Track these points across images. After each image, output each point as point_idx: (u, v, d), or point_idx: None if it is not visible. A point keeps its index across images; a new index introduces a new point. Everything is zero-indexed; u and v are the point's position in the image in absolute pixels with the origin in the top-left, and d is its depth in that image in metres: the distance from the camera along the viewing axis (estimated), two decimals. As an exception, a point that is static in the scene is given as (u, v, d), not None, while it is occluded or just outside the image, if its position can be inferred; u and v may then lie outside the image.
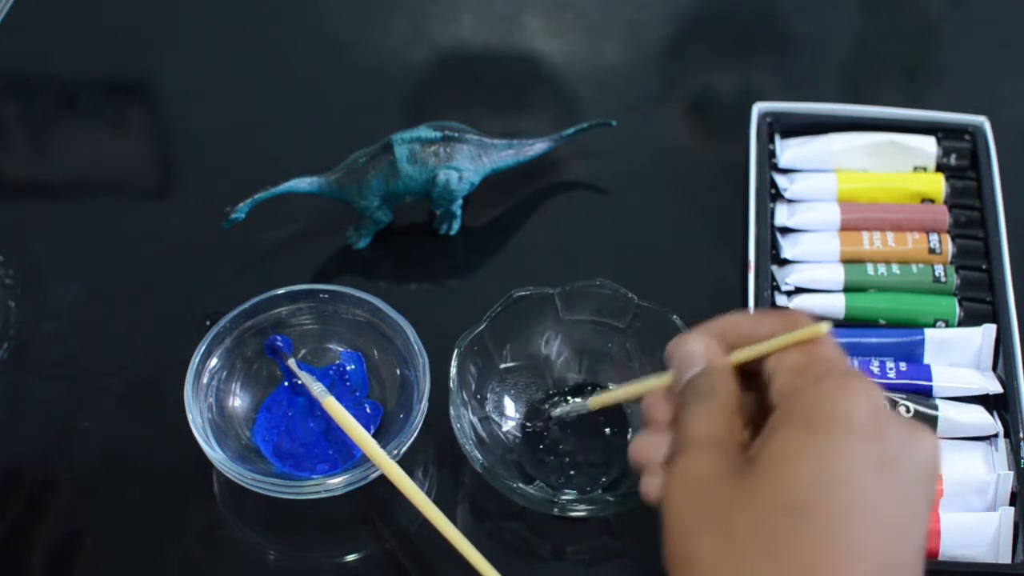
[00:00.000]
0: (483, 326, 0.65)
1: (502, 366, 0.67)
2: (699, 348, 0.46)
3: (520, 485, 0.60)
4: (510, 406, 0.67)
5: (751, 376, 0.46)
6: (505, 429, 0.66)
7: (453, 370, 0.63)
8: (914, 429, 0.42)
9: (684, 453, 0.44)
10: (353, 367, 0.68)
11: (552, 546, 0.63)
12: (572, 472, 0.64)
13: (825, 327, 0.45)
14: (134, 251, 0.76)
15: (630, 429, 0.65)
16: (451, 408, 0.62)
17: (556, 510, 0.61)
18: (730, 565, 0.40)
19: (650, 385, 0.49)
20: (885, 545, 0.40)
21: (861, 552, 0.39)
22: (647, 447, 0.47)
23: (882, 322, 0.69)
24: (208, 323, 0.67)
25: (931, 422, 0.64)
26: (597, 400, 0.59)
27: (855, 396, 0.42)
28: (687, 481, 0.43)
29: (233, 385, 0.67)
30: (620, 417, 0.66)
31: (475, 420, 0.64)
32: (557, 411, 0.64)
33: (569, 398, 0.65)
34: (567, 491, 0.63)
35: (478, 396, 0.65)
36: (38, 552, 0.63)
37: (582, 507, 0.60)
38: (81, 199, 0.81)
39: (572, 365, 0.68)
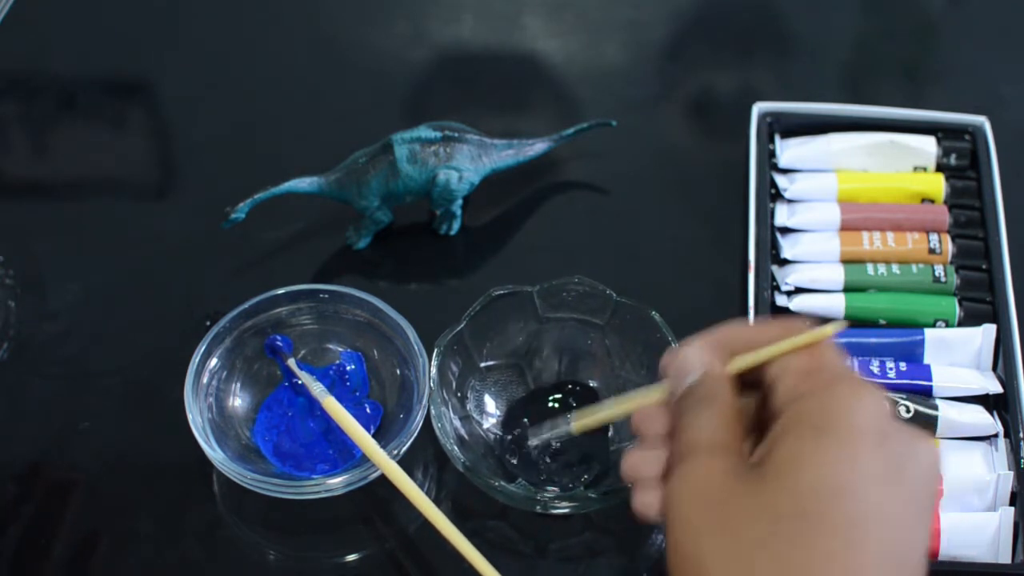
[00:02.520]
0: (462, 325, 0.65)
1: (482, 364, 0.67)
2: (696, 357, 0.46)
3: (502, 483, 0.60)
4: (491, 404, 0.67)
5: (746, 387, 0.46)
6: (486, 427, 0.66)
7: (433, 369, 0.63)
8: (916, 437, 0.43)
9: (688, 458, 0.44)
10: (353, 367, 0.68)
11: (535, 544, 0.63)
12: (554, 470, 0.64)
13: (832, 328, 0.45)
14: (134, 251, 0.76)
15: (610, 426, 0.66)
16: (431, 407, 0.62)
17: (538, 508, 0.61)
18: (738, 571, 0.40)
19: (639, 401, 0.48)
20: (891, 553, 0.40)
21: (869, 560, 0.39)
22: (640, 462, 0.46)
23: (882, 322, 0.69)
24: (208, 323, 0.67)
25: (931, 422, 0.64)
26: (581, 423, 0.53)
27: (865, 403, 0.42)
28: (692, 485, 0.43)
29: (233, 385, 0.67)
30: None
31: (456, 419, 0.64)
32: (537, 439, 0.56)
33: (548, 423, 0.56)
34: (549, 488, 0.63)
35: (459, 395, 0.66)
36: (38, 552, 0.63)
37: (564, 504, 0.60)
38: (81, 199, 0.81)
39: (552, 363, 0.68)
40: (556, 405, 0.67)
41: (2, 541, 0.64)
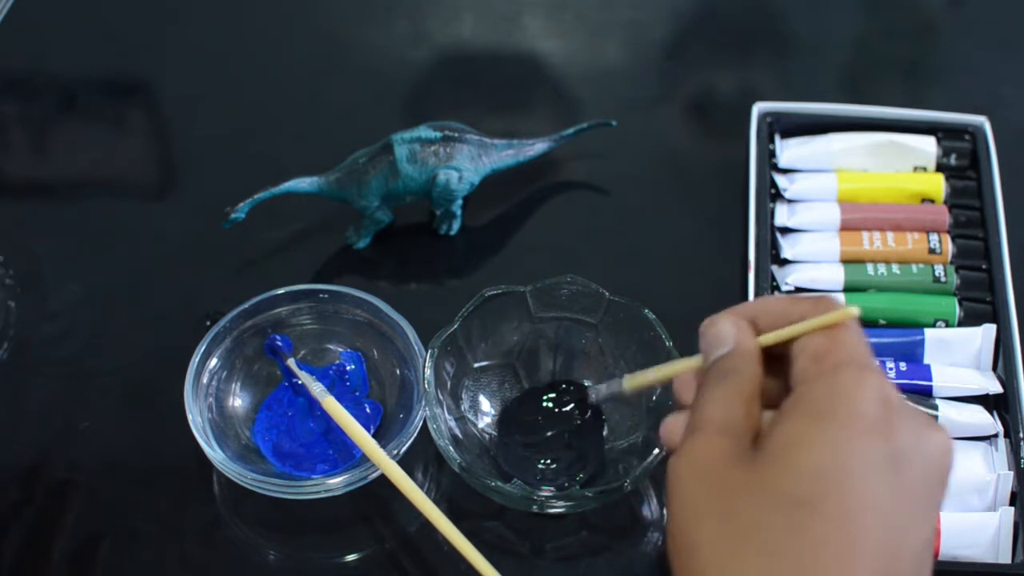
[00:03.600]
0: (456, 326, 0.65)
1: (475, 365, 0.67)
2: (728, 329, 0.45)
3: (498, 483, 0.60)
4: (485, 404, 0.67)
5: (778, 360, 0.45)
6: (481, 427, 0.66)
7: (428, 371, 0.63)
8: (925, 427, 0.42)
9: (694, 434, 0.43)
10: (353, 367, 0.68)
11: (531, 544, 0.63)
12: (549, 469, 0.64)
13: (854, 311, 0.44)
14: (134, 251, 0.76)
15: (604, 425, 0.66)
16: (426, 408, 0.62)
17: (535, 507, 0.60)
18: (730, 554, 0.40)
19: (684, 365, 0.48)
20: (886, 545, 0.39)
21: (862, 551, 0.39)
22: (676, 427, 0.46)
23: (882, 322, 0.69)
24: (208, 323, 0.67)
25: (931, 422, 0.64)
26: (633, 381, 0.54)
27: (868, 390, 0.41)
28: (693, 463, 0.43)
29: (233, 385, 0.67)
30: (595, 412, 0.66)
31: (451, 420, 0.64)
32: (594, 397, 0.58)
33: (604, 384, 0.57)
34: (545, 488, 0.63)
35: (454, 396, 0.65)
36: (38, 552, 0.63)
37: (560, 504, 0.60)
38: (81, 199, 0.81)
39: (546, 362, 0.68)
40: (550, 404, 0.67)
41: (3, 541, 0.64)
